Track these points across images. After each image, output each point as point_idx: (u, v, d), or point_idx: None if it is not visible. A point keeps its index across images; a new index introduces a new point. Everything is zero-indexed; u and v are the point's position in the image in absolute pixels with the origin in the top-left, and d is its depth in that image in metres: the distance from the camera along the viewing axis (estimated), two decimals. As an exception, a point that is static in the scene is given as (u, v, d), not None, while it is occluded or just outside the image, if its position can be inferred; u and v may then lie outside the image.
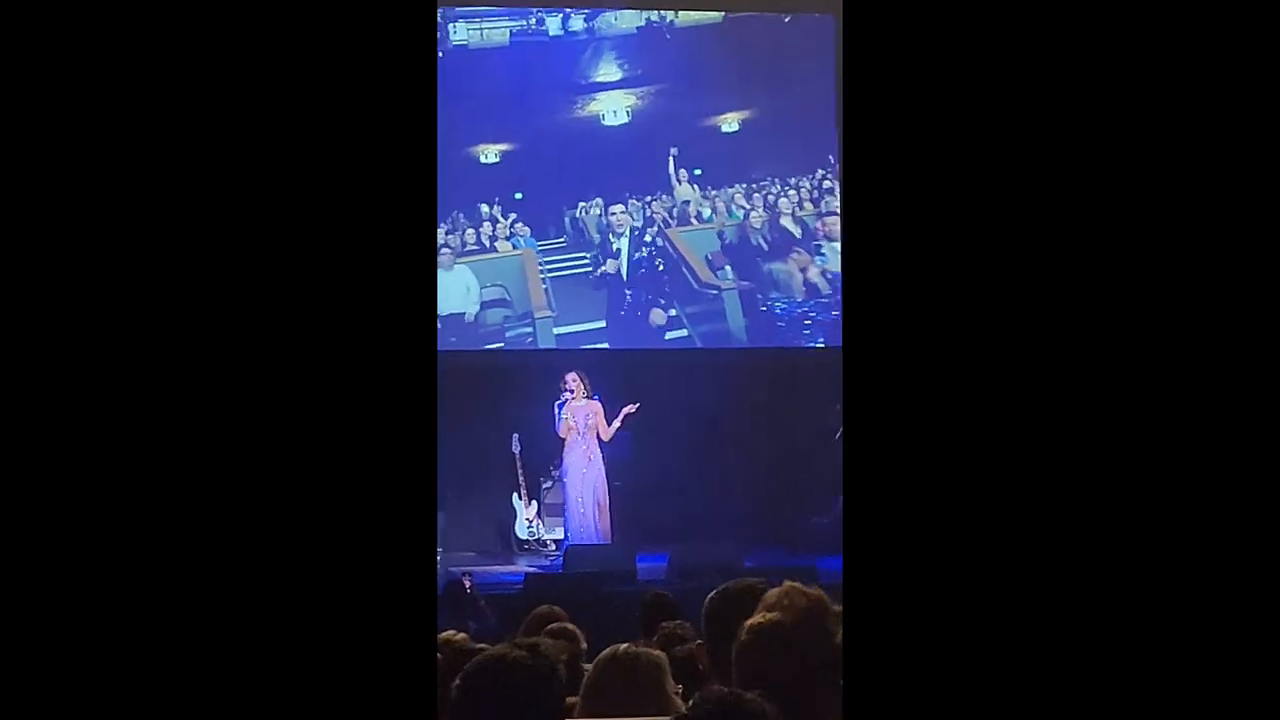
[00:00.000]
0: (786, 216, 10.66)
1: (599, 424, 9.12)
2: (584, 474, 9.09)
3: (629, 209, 10.45)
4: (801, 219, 10.66)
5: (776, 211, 10.66)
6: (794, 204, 10.67)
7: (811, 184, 10.67)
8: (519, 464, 9.53)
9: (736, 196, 10.62)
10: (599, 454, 9.12)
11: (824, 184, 10.65)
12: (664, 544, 8.68)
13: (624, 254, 10.47)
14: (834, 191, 10.61)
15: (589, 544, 8.91)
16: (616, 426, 9.13)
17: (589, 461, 9.09)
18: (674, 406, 9.61)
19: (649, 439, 9.54)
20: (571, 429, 9.08)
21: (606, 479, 9.17)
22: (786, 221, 10.67)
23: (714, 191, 10.58)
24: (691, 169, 10.54)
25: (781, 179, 10.65)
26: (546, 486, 9.63)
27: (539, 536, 9.58)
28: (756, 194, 10.62)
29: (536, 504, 9.65)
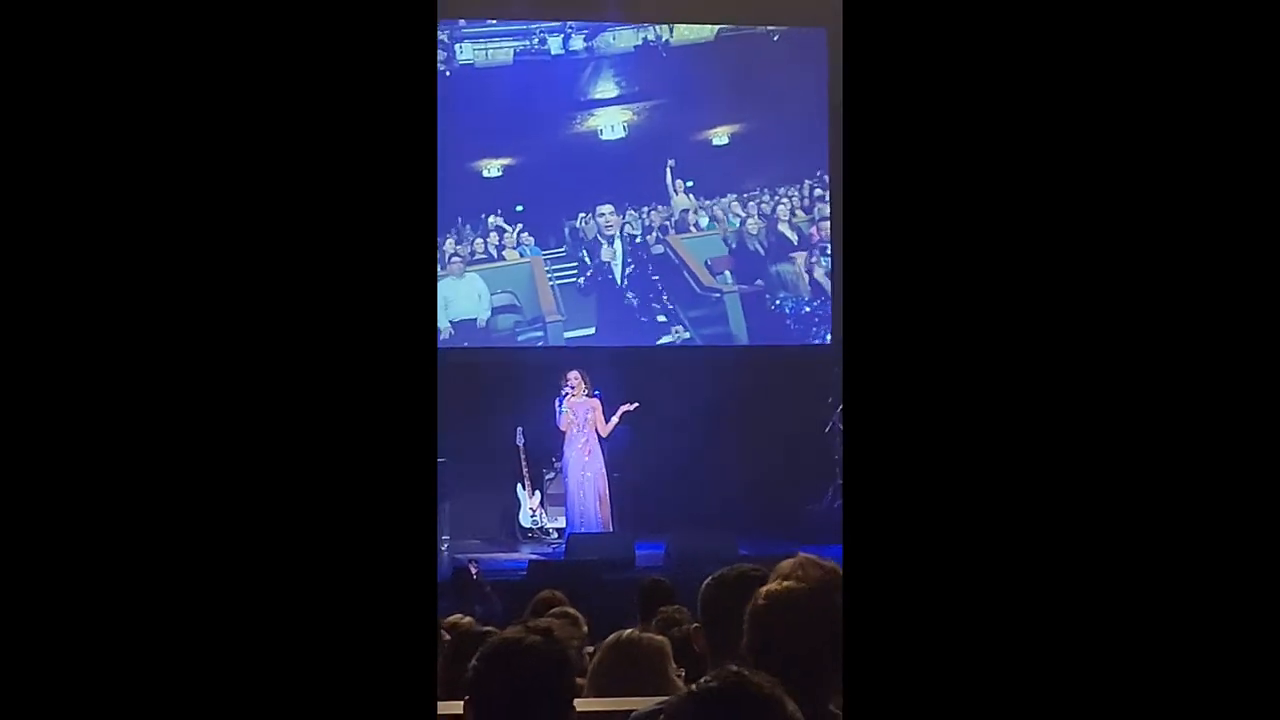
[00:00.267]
0: (783, 223, 10.80)
1: (597, 420, 9.33)
2: (584, 466, 9.29)
3: (626, 218, 10.59)
4: (796, 225, 10.82)
5: (773, 219, 10.79)
6: (789, 211, 10.81)
7: (801, 194, 10.81)
8: (522, 456, 9.67)
9: (732, 205, 10.75)
10: (598, 448, 9.32)
11: (814, 193, 10.78)
12: (661, 533, 8.86)
13: (618, 257, 10.60)
14: (825, 199, 10.74)
15: (590, 532, 9.07)
16: (615, 423, 9.34)
17: (589, 455, 9.30)
18: (671, 402, 9.71)
19: (648, 433, 9.68)
20: (572, 423, 9.27)
21: (606, 471, 9.38)
22: (783, 228, 10.82)
23: (709, 201, 10.72)
24: (686, 180, 10.68)
25: (771, 189, 10.78)
26: (549, 478, 9.77)
27: (542, 525, 9.70)
28: (751, 203, 10.76)
29: (539, 494, 9.76)
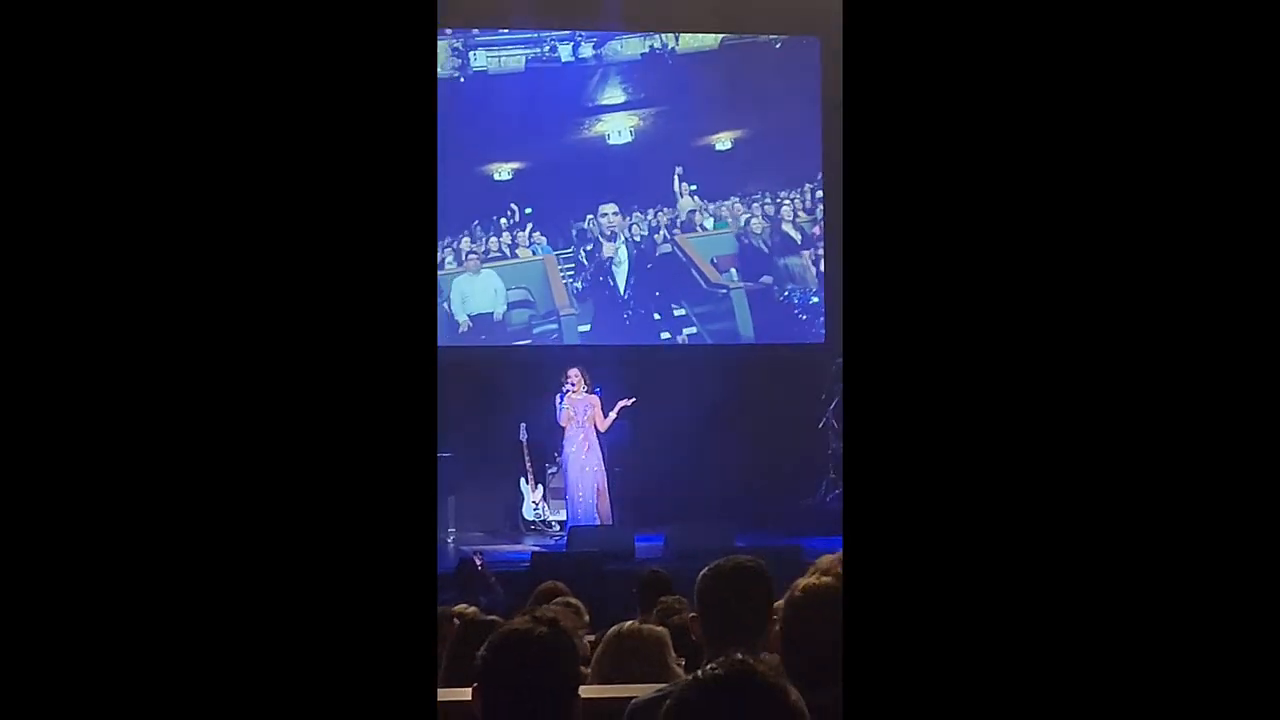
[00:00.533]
0: (787, 223, 11.06)
1: (596, 416, 9.53)
2: (583, 461, 9.49)
3: (632, 219, 10.82)
4: (800, 225, 11.07)
5: (777, 219, 11.04)
6: (792, 212, 11.06)
7: (802, 196, 11.06)
8: (525, 451, 9.85)
9: (735, 206, 11.00)
10: (597, 443, 9.52)
11: (815, 195, 11.02)
12: (661, 525, 8.98)
13: (621, 254, 10.82)
14: (825, 201, 11.02)
15: (591, 525, 9.27)
16: (612, 418, 9.54)
17: (588, 450, 9.49)
18: (670, 399, 9.90)
19: (648, 429, 9.86)
20: (571, 419, 9.47)
21: (607, 465, 9.58)
22: (787, 227, 11.07)
23: (712, 204, 10.96)
24: (690, 184, 10.93)
25: (773, 192, 11.03)
26: (551, 472, 9.93)
27: (544, 518, 9.89)
28: (755, 204, 11.01)
29: (542, 488, 9.95)
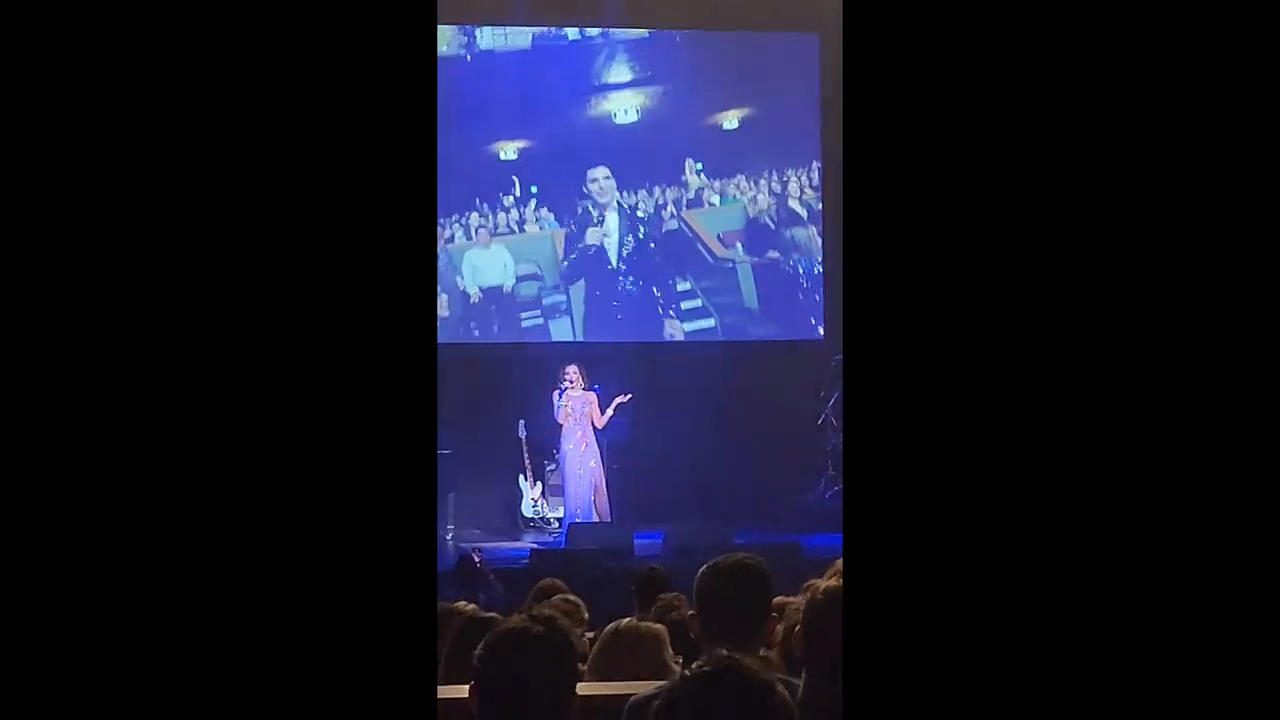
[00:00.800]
0: (793, 199, 11.11)
1: (594, 412, 9.52)
2: (581, 458, 9.47)
3: (638, 196, 10.86)
4: (806, 201, 11.12)
5: (783, 196, 11.09)
6: (799, 188, 11.11)
7: (809, 173, 11.10)
8: (524, 448, 9.83)
9: (741, 184, 11.06)
10: (594, 440, 9.51)
11: (822, 174, 11.07)
12: (659, 522, 9.01)
13: (611, 225, 10.84)
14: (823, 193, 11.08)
15: (590, 522, 9.24)
16: (609, 415, 9.52)
17: (585, 447, 9.48)
18: (670, 395, 9.87)
19: (647, 426, 9.82)
20: (569, 416, 9.45)
21: (606, 463, 9.56)
22: (793, 204, 11.12)
23: (719, 182, 11.02)
24: (696, 162, 10.98)
25: (780, 170, 11.08)
26: (550, 469, 9.92)
27: (543, 515, 9.85)
28: (762, 181, 11.06)
29: (541, 485, 9.92)
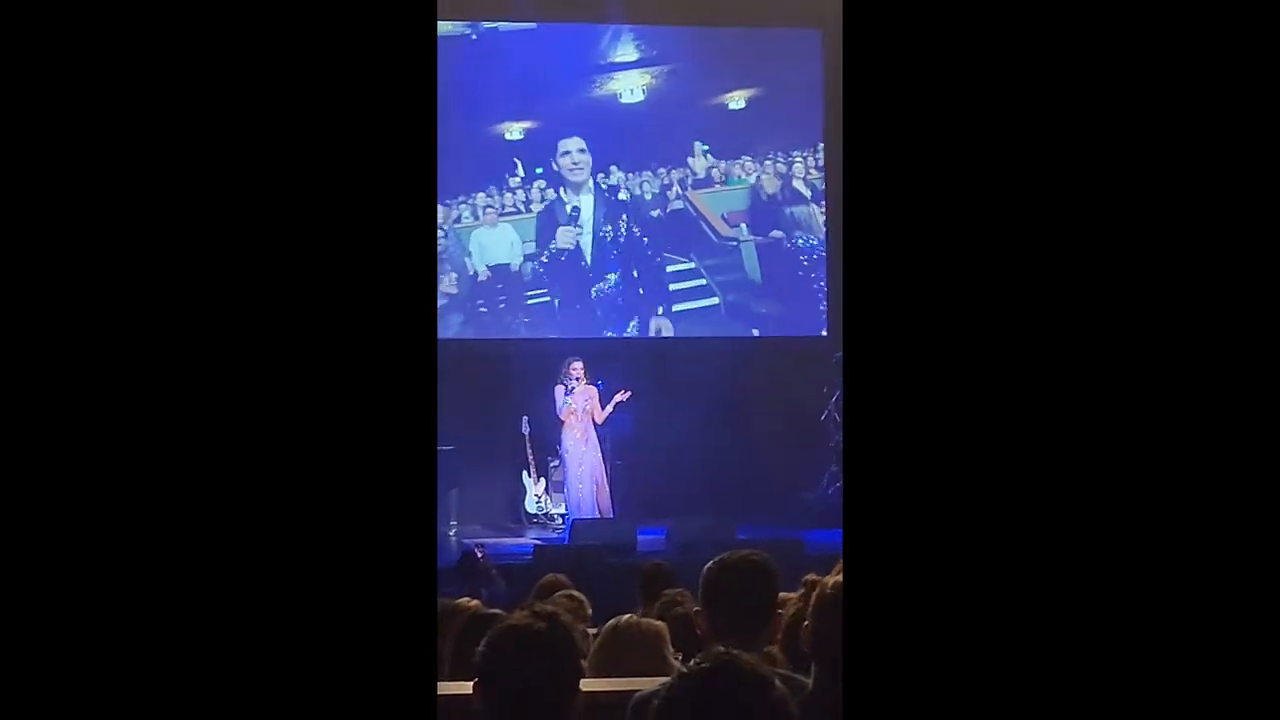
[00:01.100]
0: (798, 179, 11.18)
1: (594, 408, 9.56)
2: (582, 453, 9.53)
3: (643, 177, 10.91)
4: (810, 182, 11.19)
5: (789, 175, 11.15)
6: (804, 170, 11.18)
7: (815, 155, 11.17)
8: (528, 444, 9.87)
9: (746, 164, 11.11)
10: (595, 435, 9.55)
11: (828, 154, 11.12)
12: (663, 518, 9.06)
13: (586, 204, 10.87)
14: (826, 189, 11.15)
15: (593, 518, 9.28)
16: (609, 411, 9.56)
17: (587, 442, 9.54)
18: (673, 391, 9.93)
19: (650, 422, 9.88)
20: (571, 412, 9.49)
21: (609, 458, 9.60)
22: (798, 184, 11.19)
23: (724, 163, 11.08)
24: (703, 143, 11.05)
25: (784, 151, 11.15)
26: (553, 465, 9.95)
27: (546, 511, 9.90)
28: (767, 161, 11.13)
29: (544, 481, 9.97)
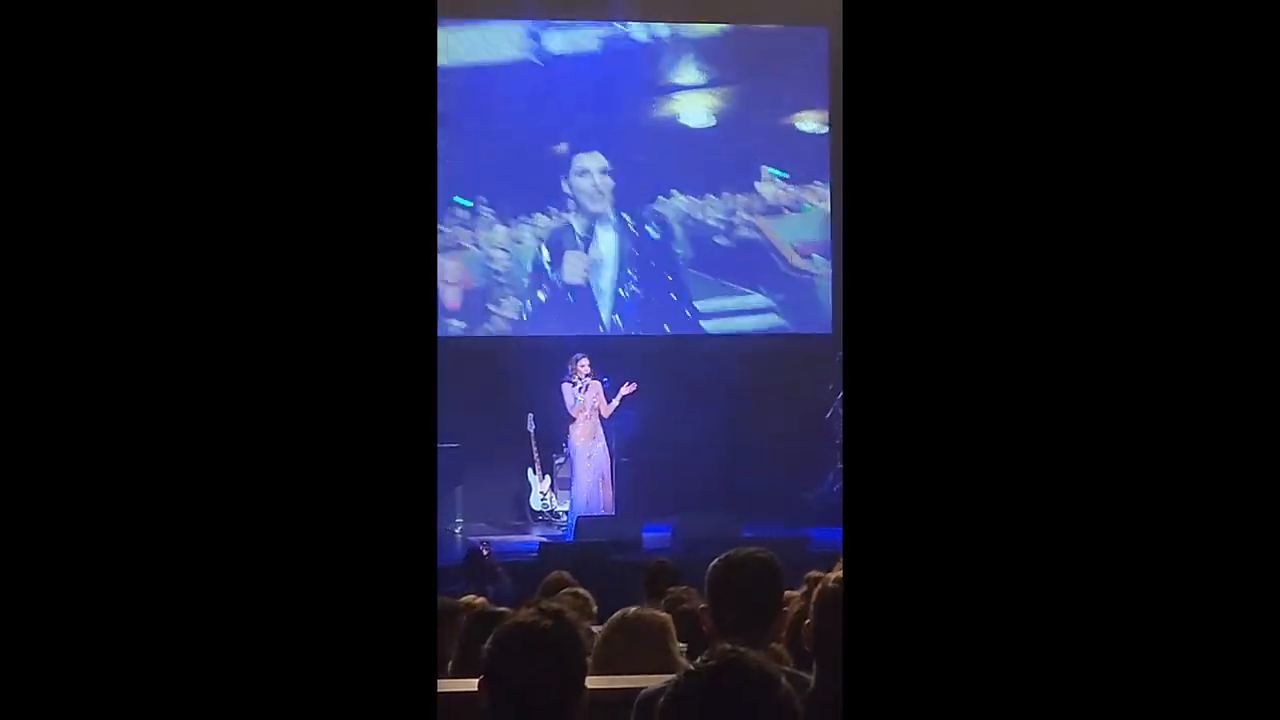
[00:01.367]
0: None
1: (599, 403, 9.57)
2: (588, 449, 9.55)
3: (706, 200, 10.77)
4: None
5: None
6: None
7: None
8: (533, 441, 9.91)
9: (817, 189, 10.96)
10: (601, 431, 9.57)
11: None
12: (668, 516, 9.10)
13: (609, 244, 10.80)
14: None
15: (599, 515, 9.31)
16: (616, 405, 9.58)
17: (592, 438, 9.55)
18: (679, 388, 9.98)
19: (655, 419, 9.92)
20: (581, 409, 9.50)
21: (614, 455, 9.62)
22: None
23: (794, 188, 10.94)
24: (771, 168, 10.92)
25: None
26: (559, 462, 9.99)
27: (552, 508, 9.96)
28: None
29: (550, 478, 10.03)
